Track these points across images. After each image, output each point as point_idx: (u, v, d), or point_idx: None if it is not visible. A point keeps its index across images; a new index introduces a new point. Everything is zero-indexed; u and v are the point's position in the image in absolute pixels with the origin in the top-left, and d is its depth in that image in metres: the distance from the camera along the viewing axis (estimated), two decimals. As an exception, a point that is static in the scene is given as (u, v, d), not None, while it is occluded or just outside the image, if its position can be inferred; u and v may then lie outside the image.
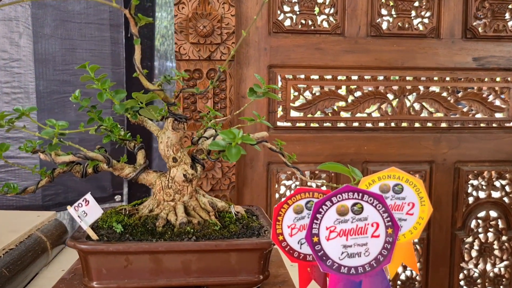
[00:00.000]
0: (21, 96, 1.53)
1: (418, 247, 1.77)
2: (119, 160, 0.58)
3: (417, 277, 1.78)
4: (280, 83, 1.66)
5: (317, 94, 1.68)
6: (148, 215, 0.57)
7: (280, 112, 1.67)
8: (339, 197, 0.48)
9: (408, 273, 1.78)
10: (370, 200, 0.48)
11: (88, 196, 0.52)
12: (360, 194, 0.48)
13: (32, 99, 1.57)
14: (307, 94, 1.67)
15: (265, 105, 1.64)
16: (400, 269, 1.79)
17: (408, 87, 1.71)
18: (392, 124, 1.72)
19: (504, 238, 1.81)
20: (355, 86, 1.69)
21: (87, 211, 0.51)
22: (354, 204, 0.48)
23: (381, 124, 1.72)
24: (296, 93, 1.67)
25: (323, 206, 0.48)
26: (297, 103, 1.68)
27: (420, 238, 1.76)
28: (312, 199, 0.49)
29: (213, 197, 0.60)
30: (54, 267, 0.99)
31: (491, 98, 1.76)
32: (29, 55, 1.52)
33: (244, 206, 0.65)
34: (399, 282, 1.78)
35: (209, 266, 0.53)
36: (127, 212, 0.58)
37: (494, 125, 1.76)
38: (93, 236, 0.52)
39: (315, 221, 0.47)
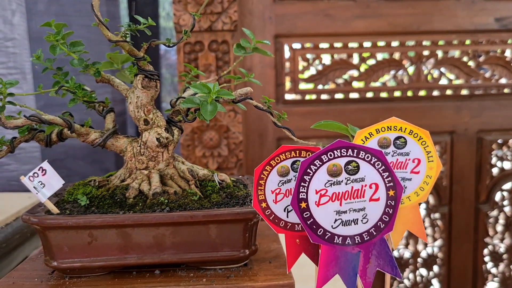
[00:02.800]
0: (17, 77, 1.48)
1: (439, 222, 1.68)
2: (83, 124, 0.51)
3: (439, 254, 1.70)
4: (287, 54, 1.57)
5: (327, 63, 1.59)
6: (118, 186, 0.50)
7: (288, 85, 1.58)
8: (330, 155, 0.40)
9: (429, 250, 1.71)
10: (367, 157, 0.40)
11: (45, 164, 0.46)
12: (355, 151, 0.40)
13: (28, 79, 1.52)
14: (317, 64, 1.58)
15: (272, 78, 1.56)
16: (420, 247, 1.72)
17: (425, 52, 1.60)
18: (409, 93, 1.63)
19: (531, 210, 1.71)
20: (368, 54, 1.59)
21: (44, 182, 0.45)
22: (349, 163, 0.40)
23: (397, 94, 1.62)
24: (305, 64, 1.58)
25: (312, 166, 0.40)
26: (306, 74, 1.59)
27: (442, 213, 1.68)
28: (299, 158, 0.42)
29: (194, 164, 0.53)
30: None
31: (515, 61, 1.64)
32: (24, 34, 1.47)
33: (235, 176, 0.58)
34: (419, 260, 1.71)
35: (185, 241, 0.47)
36: (97, 184, 0.52)
37: (519, 90, 1.65)
38: (53, 209, 0.46)
39: (302, 183, 0.40)
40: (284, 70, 1.58)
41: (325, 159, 0.40)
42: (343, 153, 0.40)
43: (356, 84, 1.61)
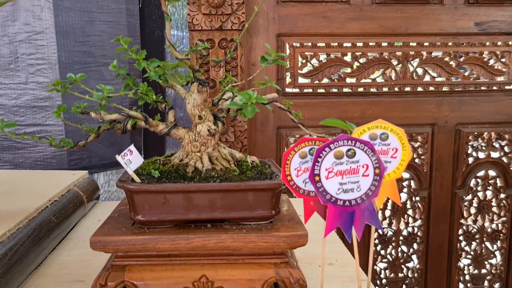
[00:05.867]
0: (45, 67, 1.64)
1: (419, 204, 1.87)
2: (154, 118, 0.69)
3: (419, 233, 1.90)
4: (288, 51, 1.74)
5: (324, 61, 1.76)
6: (179, 164, 0.68)
7: (288, 79, 1.76)
8: (336, 144, 0.59)
9: (410, 229, 1.90)
10: (361, 146, 0.59)
11: (132, 147, 0.63)
12: (353, 142, 0.59)
13: (55, 69, 1.67)
14: (314, 61, 1.75)
15: (274, 72, 1.74)
16: (402, 226, 1.91)
17: (412, 52, 1.78)
18: (396, 89, 1.80)
19: (502, 195, 1.91)
20: (360, 53, 1.76)
21: (131, 160, 0.63)
22: (348, 150, 0.59)
23: (385, 89, 1.79)
24: (304, 61, 1.75)
25: (323, 152, 0.59)
26: (304, 70, 1.76)
27: (422, 196, 1.87)
28: (314, 146, 0.60)
29: (231, 149, 0.72)
30: (90, 218, 1.13)
31: (492, 62, 1.82)
32: (51, 28, 1.61)
33: (258, 158, 0.77)
34: (401, 238, 1.90)
35: (230, 203, 0.65)
36: (161, 162, 0.70)
37: (494, 88, 1.83)
38: (137, 179, 0.64)
39: (316, 163, 0.58)
40: (284, 66, 1.75)
41: (333, 147, 0.59)
42: (345, 143, 0.59)
43: (348, 80, 1.79)
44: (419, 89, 1.81)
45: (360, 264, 0.66)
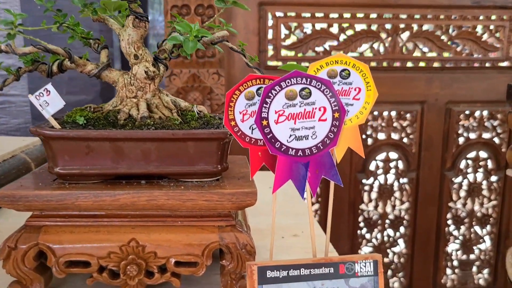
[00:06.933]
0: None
1: (407, 186, 1.79)
2: (81, 57, 0.59)
3: (406, 216, 1.82)
4: (271, 21, 1.64)
5: (309, 32, 1.66)
6: (111, 110, 0.59)
7: (271, 51, 1.66)
8: (288, 82, 0.49)
9: (396, 212, 1.82)
10: (318, 85, 0.49)
11: (49, 86, 0.54)
12: (308, 79, 0.49)
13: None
14: (298, 32, 1.66)
15: (255, 44, 1.64)
16: (389, 209, 1.83)
17: (402, 25, 1.68)
18: (384, 64, 1.71)
19: (493, 178, 1.83)
20: (347, 25, 1.67)
21: (48, 101, 0.53)
22: (303, 89, 0.49)
23: (373, 64, 1.70)
24: (287, 32, 1.65)
25: (272, 91, 0.49)
26: (287, 42, 1.66)
27: (410, 178, 1.79)
28: (263, 85, 0.51)
29: (176, 98, 0.62)
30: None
31: (485, 37, 1.73)
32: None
33: (213, 113, 0.67)
34: (387, 221, 1.82)
35: (168, 155, 0.55)
36: (92, 109, 0.60)
37: (487, 64, 1.75)
38: (55, 125, 0.54)
39: (264, 105, 0.49)
40: (267, 37, 1.65)
41: (284, 85, 0.49)
42: (299, 81, 0.49)
43: (334, 53, 1.69)
44: (409, 64, 1.72)
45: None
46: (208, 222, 0.56)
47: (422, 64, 1.72)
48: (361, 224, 1.82)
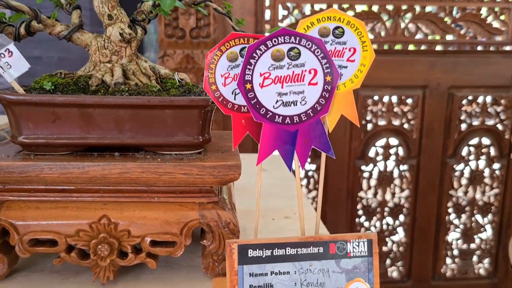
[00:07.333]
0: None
1: (407, 174, 1.75)
2: (49, 17, 0.54)
3: (405, 204, 1.78)
4: (268, 1, 1.58)
5: (307, 13, 1.60)
6: (82, 75, 0.54)
7: (267, 33, 1.60)
8: (275, 41, 0.44)
9: (396, 200, 1.78)
10: (308, 44, 0.44)
11: (11, 46, 0.48)
12: (298, 38, 0.44)
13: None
14: (297, 13, 1.60)
15: (252, 25, 1.58)
16: (388, 196, 1.79)
17: (404, 6, 1.63)
18: (385, 47, 1.66)
19: (495, 166, 1.78)
20: (348, 5, 1.61)
21: (10, 63, 0.48)
22: (291, 49, 0.44)
23: (374, 46, 1.64)
24: (285, 12, 1.60)
25: (257, 51, 0.44)
26: (285, 23, 1.61)
27: (410, 165, 1.74)
28: (247, 45, 0.45)
29: (156, 64, 0.57)
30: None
31: (490, 19, 1.67)
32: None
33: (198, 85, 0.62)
34: (387, 209, 1.78)
35: (143, 125, 0.50)
36: (63, 75, 0.55)
37: (491, 48, 1.69)
38: (19, 89, 0.49)
39: (248, 66, 0.44)
40: (264, 17, 1.59)
41: (270, 44, 0.44)
42: (286, 40, 0.44)
43: (334, 35, 1.64)
44: (411, 47, 1.66)
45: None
46: (188, 199, 0.51)
47: (424, 47, 1.67)
48: (360, 212, 1.77)
